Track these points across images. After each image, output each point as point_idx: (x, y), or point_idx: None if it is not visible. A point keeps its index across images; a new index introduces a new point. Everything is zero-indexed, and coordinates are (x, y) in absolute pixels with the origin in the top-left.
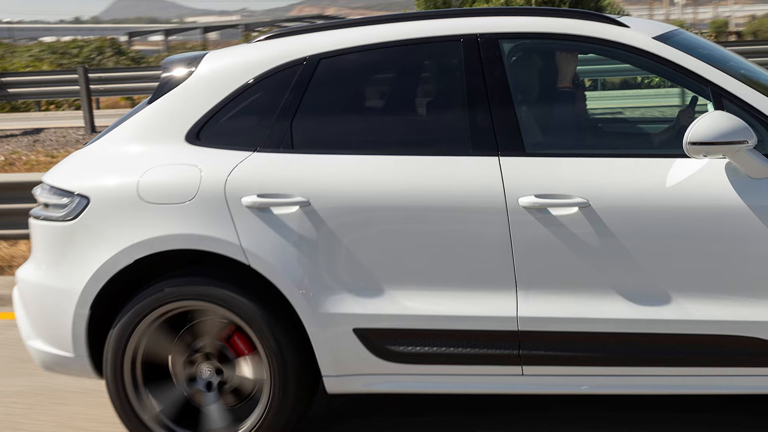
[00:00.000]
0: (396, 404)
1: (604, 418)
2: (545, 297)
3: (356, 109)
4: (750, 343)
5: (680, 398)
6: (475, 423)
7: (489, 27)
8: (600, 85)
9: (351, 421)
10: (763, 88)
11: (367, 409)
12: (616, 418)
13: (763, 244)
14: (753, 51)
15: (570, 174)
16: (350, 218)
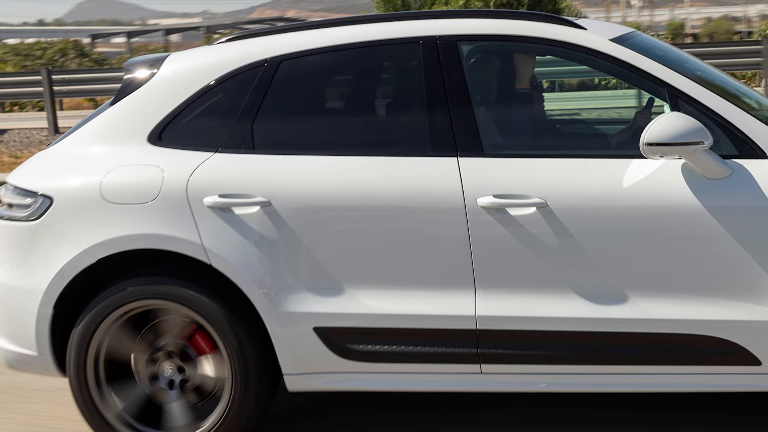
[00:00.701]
0: (356, 402)
1: (563, 415)
2: (503, 296)
3: (317, 110)
4: (707, 341)
5: (637, 396)
6: (435, 420)
7: (448, 29)
8: (558, 87)
9: (311, 419)
10: (719, 90)
11: (327, 407)
12: (575, 416)
13: (719, 244)
14: (709, 53)
15: (528, 174)
16: (311, 218)
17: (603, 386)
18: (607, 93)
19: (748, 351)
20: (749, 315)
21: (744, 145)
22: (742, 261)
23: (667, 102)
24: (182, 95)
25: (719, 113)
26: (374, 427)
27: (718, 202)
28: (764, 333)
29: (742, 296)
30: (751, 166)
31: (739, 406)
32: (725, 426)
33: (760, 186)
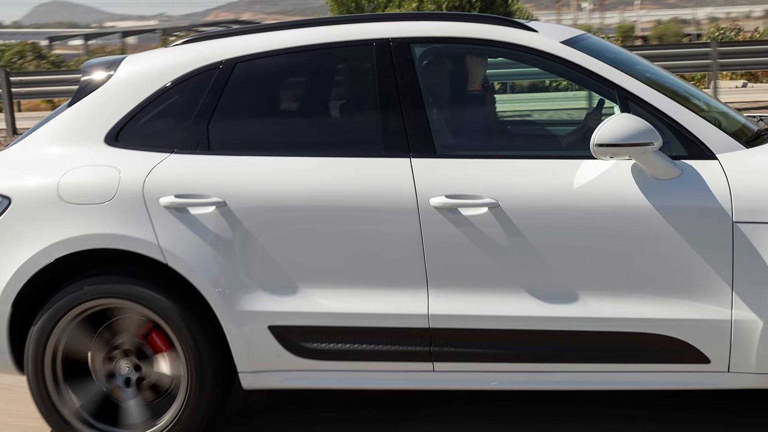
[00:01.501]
0: (310, 400)
1: (515, 413)
2: (456, 295)
3: (272, 111)
4: (657, 340)
5: (588, 394)
6: (387, 418)
7: (401, 32)
8: (509, 88)
9: (265, 416)
10: (668, 91)
11: (281, 404)
12: (530, 413)
13: (669, 244)
14: (658, 55)
15: (480, 175)
16: (265, 218)
17: (554, 384)
18: (558, 95)
19: (697, 349)
20: (699, 314)
21: (693, 146)
22: (691, 260)
23: (617, 103)
24: (138, 97)
25: (668, 114)
26: (327, 424)
27: (667, 203)
28: (713, 332)
29: (691, 295)
30: (700, 167)
31: (689, 403)
32: (677, 423)
33: (709, 186)
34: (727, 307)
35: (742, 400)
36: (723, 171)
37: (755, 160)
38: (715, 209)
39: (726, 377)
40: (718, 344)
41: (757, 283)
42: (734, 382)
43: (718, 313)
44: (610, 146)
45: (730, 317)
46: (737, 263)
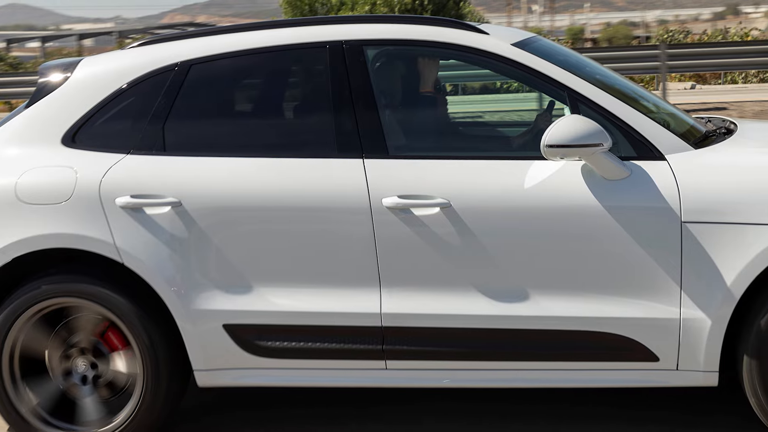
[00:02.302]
0: (264, 397)
1: (467, 410)
2: (408, 294)
3: (226, 113)
4: (606, 338)
5: (534, 391)
6: (340, 415)
7: (354, 34)
8: (461, 90)
9: (219, 413)
10: (618, 93)
11: (235, 402)
12: (477, 411)
13: (618, 244)
14: (608, 57)
15: (432, 175)
16: (220, 218)
17: (506, 382)
18: (509, 96)
19: (646, 348)
20: (648, 313)
21: (642, 147)
22: (640, 260)
23: (568, 105)
24: (95, 98)
25: (618, 116)
26: (280, 421)
27: (616, 203)
28: (661, 330)
29: (641, 294)
30: (649, 168)
31: (640, 401)
32: (625, 420)
33: (658, 187)
34: (676, 306)
35: (692, 398)
36: (672, 172)
37: (703, 161)
38: (664, 209)
39: (675, 375)
40: (667, 342)
41: (705, 283)
42: (683, 379)
43: (666, 311)
44: (560, 147)
45: (679, 316)
46: (686, 263)
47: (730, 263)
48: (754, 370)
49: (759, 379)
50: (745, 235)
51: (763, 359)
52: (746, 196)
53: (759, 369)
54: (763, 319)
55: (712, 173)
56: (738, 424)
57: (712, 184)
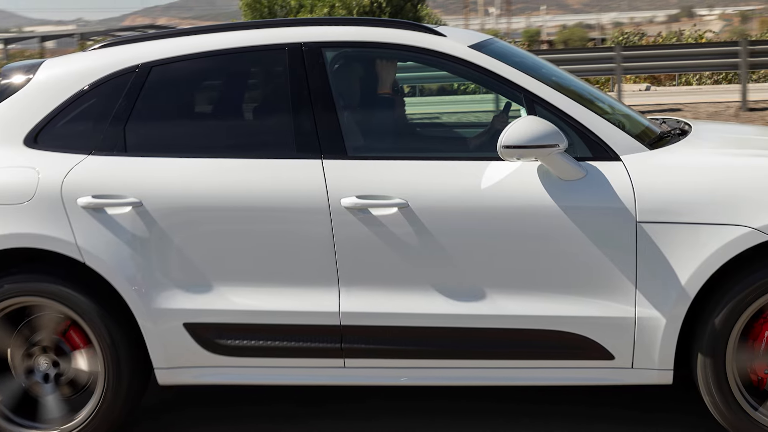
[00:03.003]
0: (223, 395)
1: (423, 408)
2: (366, 293)
3: (187, 114)
4: (563, 337)
5: (495, 389)
6: (298, 413)
7: (312, 36)
8: (418, 92)
9: (182, 410)
10: (574, 94)
11: (197, 399)
12: (435, 408)
13: (574, 243)
14: (564, 59)
15: (390, 176)
16: (181, 218)
17: (463, 380)
18: (466, 97)
19: (602, 346)
20: (603, 311)
21: (597, 148)
22: (596, 260)
23: (524, 106)
24: (57, 100)
25: (574, 117)
26: (240, 418)
27: (572, 203)
28: (617, 329)
29: (596, 293)
30: (604, 168)
31: (597, 399)
32: (580, 418)
33: (613, 187)
34: (631, 304)
35: (649, 396)
36: (627, 172)
37: (658, 162)
38: (619, 209)
39: (630, 373)
40: (622, 341)
41: (660, 282)
42: (638, 378)
43: (622, 310)
44: (516, 148)
45: (634, 315)
46: (641, 262)
47: (684, 263)
48: (709, 368)
49: (713, 378)
50: (699, 234)
51: (717, 358)
52: (700, 197)
53: (713, 367)
54: (717, 318)
55: (667, 174)
56: (693, 422)
57: (667, 184)
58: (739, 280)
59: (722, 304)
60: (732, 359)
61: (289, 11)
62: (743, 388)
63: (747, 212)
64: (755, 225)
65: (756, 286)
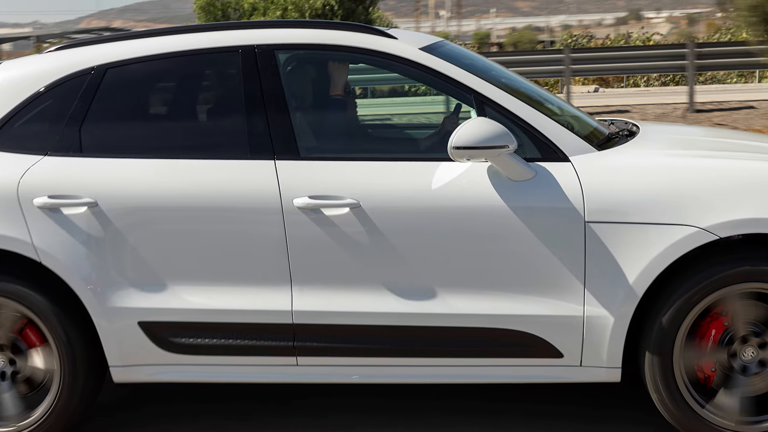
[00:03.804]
0: (178, 392)
1: (380, 405)
2: (319, 292)
3: (142, 115)
4: (512, 335)
5: (446, 387)
6: (251, 410)
7: (266, 38)
8: (370, 93)
9: (137, 407)
10: (523, 96)
11: (152, 396)
12: (384, 406)
13: (523, 243)
14: (513, 61)
15: (342, 177)
16: (136, 218)
17: (414, 378)
18: (417, 99)
19: (551, 344)
20: (552, 310)
21: (546, 149)
22: (545, 259)
23: (474, 108)
24: (13, 101)
25: (523, 118)
26: (193, 415)
27: (522, 203)
28: (566, 327)
29: (545, 292)
30: (553, 169)
31: (549, 396)
32: (532, 415)
33: (562, 187)
34: (580, 303)
35: (598, 394)
36: (575, 173)
37: (606, 162)
38: (568, 209)
39: (578, 371)
40: (571, 339)
41: (608, 281)
42: (586, 376)
43: (570, 309)
44: (466, 149)
45: (583, 313)
46: (589, 261)
47: (632, 262)
48: (656, 366)
49: (661, 376)
50: (647, 234)
51: (664, 356)
52: (648, 197)
53: (661, 365)
54: (664, 317)
55: (615, 174)
56: (642, 420)
57: (615, 184)
58: (686, 280)
59: (670, 303)
60: (679, 357)
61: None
62: (690, 386)
63: (694, 212)
64: (702, 225)
65: (703, 286)
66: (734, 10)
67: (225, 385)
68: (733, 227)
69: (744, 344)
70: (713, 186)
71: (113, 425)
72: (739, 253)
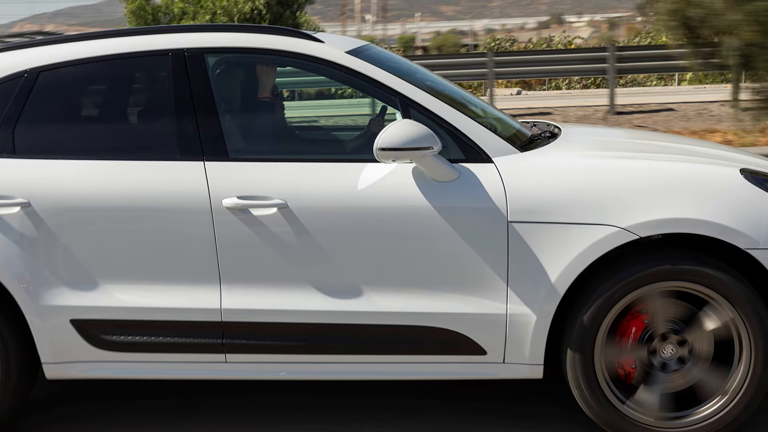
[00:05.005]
0: (112, 389)
1: (309, 402)
2: (247, 290)
3: (74, 117)
4: (436, 332)
5: (375, 383)
6: (181, 407)
7: (195, 42)
8: (297, 96)
9: (70, 403)
10: (447, 99)
11: (85, 392)
12: (321, 402)
13: (448, 243)
14: (438, 64)
15: (270, 177)
16: (68, 218)
17: (340, 374)
18: (344, 101)
19: (474, 342)
20: (476, 308)
21: (470, 150)
22: (469, 258)
23: (399, 110)
24: None
25: (447, 120)
26: (125, 411)
27: (446, 204)
28: (489, 325)
29: (469, 291)
30: (477, 170)
31: (475, 393)
32: (457, 412)
33: (485, 188)
34: (503, 302)
35: (522, 390)
36: (499, 174)
37: (529, 164)
38: (492, 210)
39: (502, 368)
40: (494, 337)
41: (530, 280)
42: (509, 372)
43: (494, 307)
44: (392, 150)
45: (506, 311)
46: (512, 261)
47: (554, 261)
48: (578, 363)
49: (582, 372)
50: (569, 234)
51: (585, 353)
52: (570, 197)
53: (582, 362)
54: (586, 315)
55: (537, 175)
56: (564, 416)
57: (537, 185)
58: (607, 278)
59: (591, 301)
60: (600, 354)
61: (172, 18)
62: (611, 383)
63: (614, 212)
64: (622, 225)
65: (623, 284)
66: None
67: (156, 381)
68: (653, 227)
69: (664, 342)
70: (633, 187)
71: (46, 420)
72: (659, 253)
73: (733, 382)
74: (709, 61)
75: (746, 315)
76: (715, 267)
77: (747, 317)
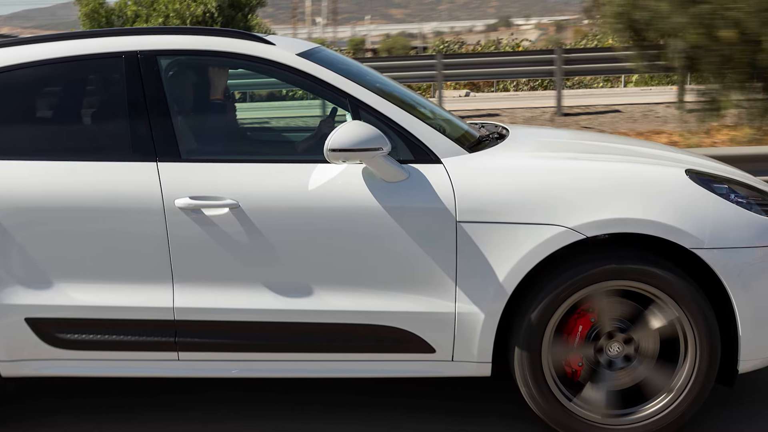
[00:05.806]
0: (66, 386)
1: (253, 399)
2: (199, 289)
3: (29, 119)
4: (386, 331)
5: (326, 381)
6: (135, 404)
7: (148, 44)
8: (249, 98)
9: (23, 401)
10: (397, 100)
11: (39, 390)
12: (264, 399)
13: (397, 242)
14: (387, 66)
15: (222, 178)
16: (22, 218)
17: (290, 372)
18: (295, 103)
19: (423, 340)
20: (425, 307)
21: (419, 151)
22: (418, 258)
23: (349, 111)
24: None
25: (397, 122)
26: (79, 409)
27: (395, 204)
28: (438, 323)
29: (418, 290)
30: (426, 170)
31: (422, 391)
32: (406, 409)
33: (434, 188)
34: (451, 300)
35: (470, 388)
36: (447, 174)
37: (477, 164)
38: (440, 210)
39: (450, 366)
40: (443, 335)
41: (479, 279)
42: (458, 370)
43: (442, 306)
44: (342, 151)
45: (454, 310)
46: (461, 260)
47: (502, 260)
48: (525, 361)
49: (529, 370)
50: (517, 233)
51: (533, 351)
52: (518, 197)
53: (529, 360)
54: (533, 313)
55: (486, 176)
56: (513, 413)
57: (486, 185)
58: (554, 277)
59: (538, 300)
60: (547, 352)
61: (125, 21)
62: (558, 380)
63: (562, 212)
64: (569, 224)
65: (570, 283)
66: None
67: (109, 379)
68: (599, 227)
69: (610, 340)
70: (580, 187)
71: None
72: (605, 252)
73: (678, 380)
74: (654, 63)
75: (691, 314)
76: (660, 266)
77: (692, 316)
